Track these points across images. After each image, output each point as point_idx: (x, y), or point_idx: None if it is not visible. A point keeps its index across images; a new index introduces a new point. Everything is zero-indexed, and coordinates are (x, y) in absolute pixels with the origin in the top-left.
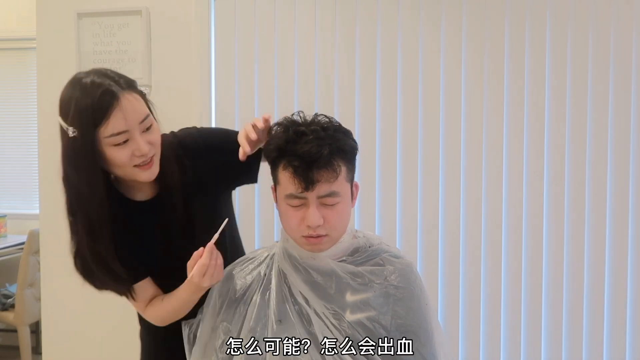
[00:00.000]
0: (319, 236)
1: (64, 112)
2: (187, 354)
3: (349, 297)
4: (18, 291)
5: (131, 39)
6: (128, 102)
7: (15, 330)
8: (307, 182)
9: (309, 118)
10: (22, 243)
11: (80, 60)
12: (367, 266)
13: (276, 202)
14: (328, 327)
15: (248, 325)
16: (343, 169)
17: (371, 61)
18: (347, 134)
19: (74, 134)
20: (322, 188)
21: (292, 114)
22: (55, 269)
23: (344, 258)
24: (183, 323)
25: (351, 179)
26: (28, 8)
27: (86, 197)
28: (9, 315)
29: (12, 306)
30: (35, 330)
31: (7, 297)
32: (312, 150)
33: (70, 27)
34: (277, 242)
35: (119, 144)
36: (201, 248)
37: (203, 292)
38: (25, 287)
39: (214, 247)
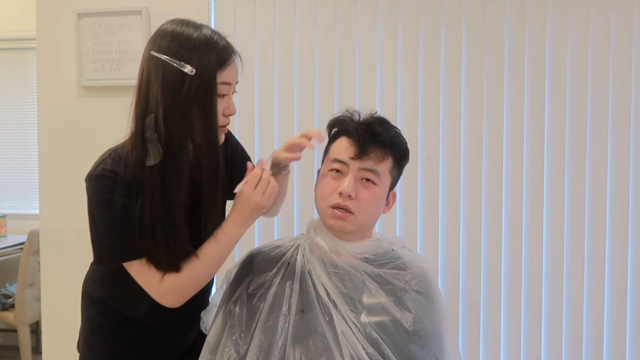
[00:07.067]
0: (345, 211)
1: (182, 50)
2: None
3: (369, 298)
4: (18, 291)
5: (131, 39)
6: (236, 62)
7: (15, 330)
8: (359, 150)
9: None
10: (22, 243)
11: (80, 60)
12: (388, 269)
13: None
14: (347, 323)
15: (265, 312)
16: (391, 161)
17: (371, 60)
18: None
19: (192, 73)
20: (367, 162)
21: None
22: (55, 269)
23: (367, 256)
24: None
25: (392, 180)
26: (28, 8)
27: (192, 133)
28: (9, 315)
29: (12, 306)
30: (35, 330)
31: (7, 297)
32: (378, 130)
33: (70, 27)
34: (302, 234)
35: (220, 95)
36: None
37: (245, 229)
38: (25, 287)
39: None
